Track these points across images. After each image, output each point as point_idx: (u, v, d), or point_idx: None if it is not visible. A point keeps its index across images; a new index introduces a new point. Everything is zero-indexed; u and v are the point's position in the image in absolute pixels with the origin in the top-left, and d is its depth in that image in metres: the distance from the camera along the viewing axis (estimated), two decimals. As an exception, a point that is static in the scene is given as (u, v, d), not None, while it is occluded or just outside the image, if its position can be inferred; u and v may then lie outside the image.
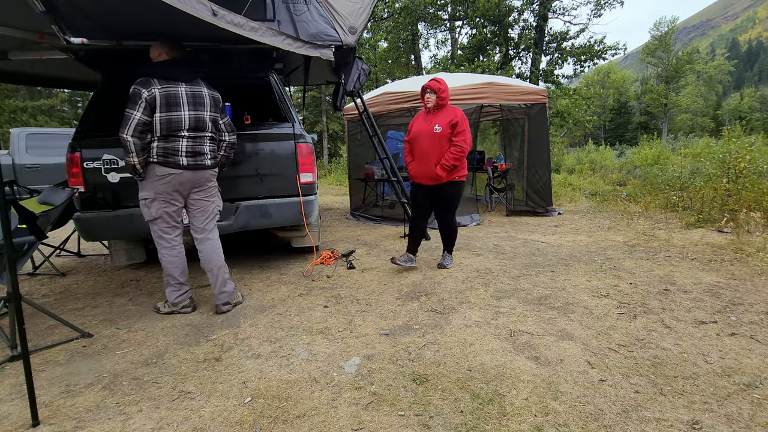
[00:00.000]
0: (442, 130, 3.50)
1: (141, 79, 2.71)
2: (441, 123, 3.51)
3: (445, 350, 2.34)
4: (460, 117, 3.50)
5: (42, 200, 3.38)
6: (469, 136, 3.54)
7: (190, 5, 2.41)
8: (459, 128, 3.48)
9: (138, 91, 2.66)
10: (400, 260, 3.75)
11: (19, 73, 4.28)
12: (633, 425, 1.69)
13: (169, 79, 2.78)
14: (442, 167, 3.50)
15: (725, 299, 2.95)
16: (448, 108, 3.59)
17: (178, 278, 2.94)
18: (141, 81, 2.70)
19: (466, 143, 3.50)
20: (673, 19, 39.93)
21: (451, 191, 3.68)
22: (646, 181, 9.47)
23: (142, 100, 2.65)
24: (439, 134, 3.51)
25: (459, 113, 3.53)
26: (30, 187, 4.17)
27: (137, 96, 2.65)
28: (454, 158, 3.49)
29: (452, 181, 3.61)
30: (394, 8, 16.46)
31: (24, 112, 22.58)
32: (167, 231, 2.89)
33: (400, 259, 3.75)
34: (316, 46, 3.36)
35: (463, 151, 3.49)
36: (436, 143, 3.53)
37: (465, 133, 3.50)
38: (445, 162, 3.49)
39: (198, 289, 3.50)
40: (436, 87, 3.52)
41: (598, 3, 15.69)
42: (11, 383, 2.14)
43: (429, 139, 3.56)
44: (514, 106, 6.73)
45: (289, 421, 1.78)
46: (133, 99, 2.65)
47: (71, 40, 2.52)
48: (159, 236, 2.89)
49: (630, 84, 51.68)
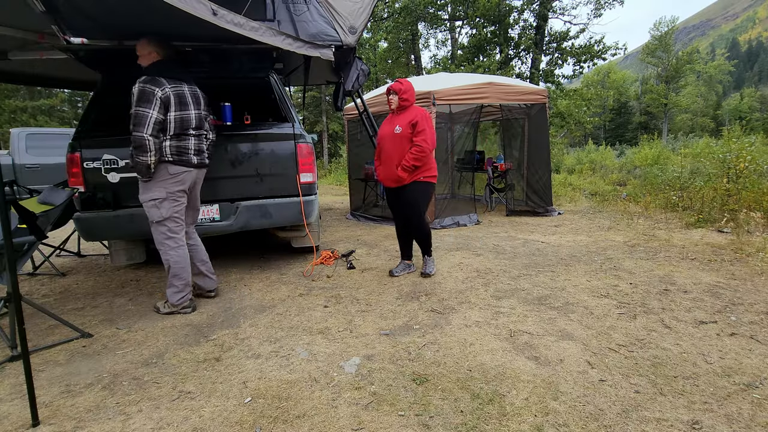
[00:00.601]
0: (402, 131, 3.40)
1: (148, 78, 2.70)
2: (401, 123, 3.41)
3: (445, 350, 2.34)
4: (420, 116, 3.38)
5: (42, 200, 3.38)
6: (431, 135, 3.40)
7: (191, 5, 2.41)
8: (419, 127, 3.35)
9: (151, 89, 2.65)
10: (398, 271, 3.72)
11: (19, 73, 4.28)
12: (633, 425, 1.69)
13: (174, 79, 2.81)
14: (403, 168, 3.37)
15: (725, 299, 2.95)
16: (411, 108, 3.48)
17: (185, 278, 2.95)
18: (149, 80, 2.69)
19: (427, 142, 3.36)
20: (673, 19, 39.92)
21: (416, 192, 3.51)
22: (646, 181, 9.47)
23: (156, 99, 2.66)
24: (399, 135, 3.41)
25: (420, 113, 3.41)
26: (30, 187, 4.17)
27: (150, 95, 2.65)
28: (414, 159, 3.35)
29: (417, 181, 3.48)
30: (394, 8, 16.45)
31: (24, 112, 22.58)
32: (176, 231, 2.90)
33: (397, 270, 3.73)
34: (316, 46, 3.35)
35: (423, 150, 3.36)
36: (398, 144, 3.43)
37: (425, 133, 3.36)
38: (405, 163, 3.36)
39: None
40: (398, 88, 3.44)
41: (598, 3, 15.68)
42: (11, 383, 2.14)
43: (391, 140, 3.47)
44: (514, 106, 6.73)
45: (289, 421, 1.78)
46: (146, 98, 2.64)
47: (71, 40, 2.52)
48: (167, 237, 2.87)
49: (630, 84, 51.65)
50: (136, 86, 2.68)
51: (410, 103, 3.48)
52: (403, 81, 3.49)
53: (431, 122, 3.47)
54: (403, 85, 3.46)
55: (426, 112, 3.45)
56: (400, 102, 3.46)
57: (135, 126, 2.64)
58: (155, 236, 2.90)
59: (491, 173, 7.38)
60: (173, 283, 2.93)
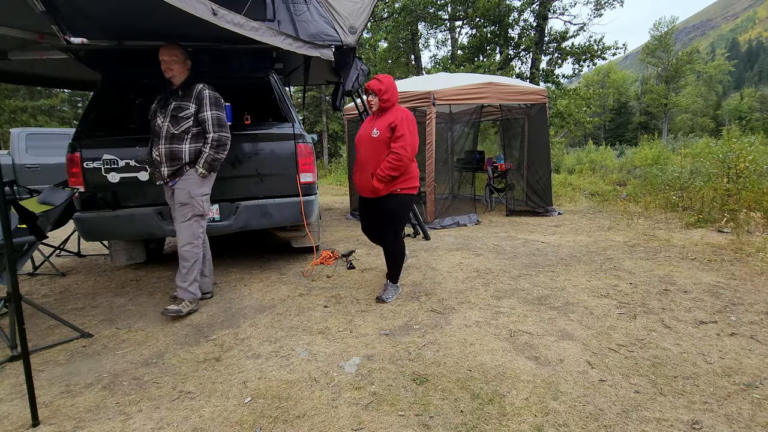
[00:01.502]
0: (380, 134, 2.96)
1: (207, 84, 2.96)
2: (380, 126, 2.97)
3: (445, 350, 2.34)
4: (401, 119, 2.94)
5: (42, 200, 3.38)
6: (411, 141, 2.94)
7: (191, 5, 2.41)
8: (398, 132, 2.91)
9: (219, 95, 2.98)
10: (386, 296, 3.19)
11: (19, 73, 4.28)
12: (633, 425, 1.69)
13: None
14: (378, 178, 2.93)
15: (725, 299, 2.95)
16: (393, 110, 3.03)
17: (203, 270, 3.16)
18: (210, 86, 2.95)
19: (406, 149, 2.90)
20: (672, 19, 39.95)
21: (392, 206, 3.05)
22: (646, 181, 9.47)
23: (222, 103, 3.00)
24: (376, 139, 2.98)
25: (401, 115, 2.98)
26: (30, 187, 4.17)
27: (220, 99, 2.98)
28: (391, 168, 2.90)
29: (393, 193, 3.01)
30: (394, 8, 16.44)
31: (24, 112, 22.58)
32: (204, 226, 3.07)
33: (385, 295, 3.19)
34: (316, 46, 3.35)
35: (401, 159, 2.90)
36: (374, 150, 3.00)
37: (404, 138, 2.90)
38: (380, 172, 2.92)
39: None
40: (377, 87, 2.97)
41: (598, 3, 15.68)
42: (11, 383, 2.14)
43: (367, 145, 3.06)
44: (514, 106, 6.73)
45: (289, 421, 1.78)
46: (219, 102, 2.97)
47: (71, 40, 2.53)
48: (202, 232, 3.04)
49: (630, 84, 51.67)
50: (207, 91, 2.93)
51: (392, 104, 3.04)
52: (383, 78, 3.03)
53: (414, 126, 3.01)
54: (383, 83, 3.00)
55: (409, 114, 3.04)
56: (380, 103, 3.01)
57: (222, 128, 2.94)
58: (193, 230, 2.96)
59: (491, 173, 7.38)
60: (196, 278, 3.03)
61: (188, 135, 2.91)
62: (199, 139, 2.94)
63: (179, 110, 2.89)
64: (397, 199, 3.04)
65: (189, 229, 2.95)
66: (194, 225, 2.97)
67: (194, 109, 2.90)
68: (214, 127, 2.92)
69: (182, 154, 2.90)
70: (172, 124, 2.87)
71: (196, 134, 2.93)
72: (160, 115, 2.95)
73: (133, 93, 3.77)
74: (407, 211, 3.22)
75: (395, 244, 3.18)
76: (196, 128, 2.93)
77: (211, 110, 2.91)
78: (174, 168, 2.91)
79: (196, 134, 2.93)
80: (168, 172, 2.93)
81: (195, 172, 2.93)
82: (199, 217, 2.99)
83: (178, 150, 2.89)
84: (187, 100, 2.91)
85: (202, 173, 2.92)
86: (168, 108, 2.91)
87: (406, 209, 3.18)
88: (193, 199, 2.92)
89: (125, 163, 3.33)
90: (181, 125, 2.87)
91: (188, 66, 3.00)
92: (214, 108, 2.93)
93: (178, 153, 2.90)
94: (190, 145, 2.91)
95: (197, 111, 2.91)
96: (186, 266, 2.96)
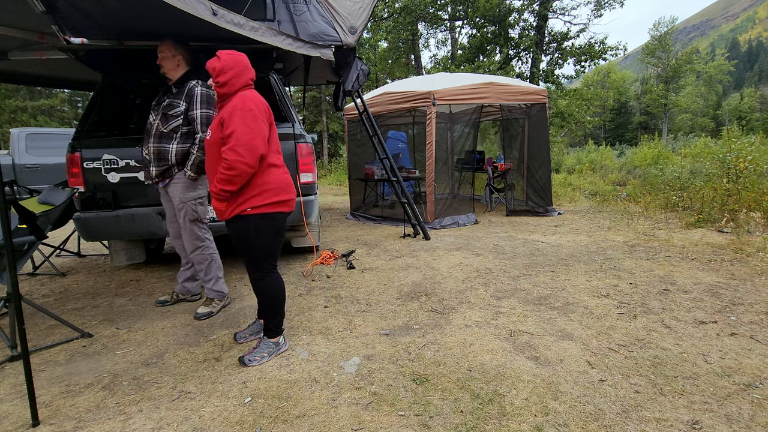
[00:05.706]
0: (211, 135, 2.21)
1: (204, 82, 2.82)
2: (214, 123, 2.23)
3: (445, 350, 2.34)
4: (232, 108, 2.10)
5: (42, 200, 3.38)
6: (249, 138, 2.05)
7: (190, 5, 2.41)
8: (227, 128, 2.08)
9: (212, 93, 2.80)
10: (242, 336, 2.54)
11: (19, 73, 4.29)
12: (633, 425, 1.69)
13: None
14: (213, 196, 2.17)
15: (725, 299, 2.95)
16: (234, 98, 2.16)
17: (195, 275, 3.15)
18: (203, 83, 2.82)
19: (237, 151, 2.03)
20: (672, 19, 39.95)
21: (240, 232, 2.21)
22: (646, 181, 9.48)
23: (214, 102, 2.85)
24: (209, 142, 2.24)
25: (239, 103, 2.11)
26: (30, 187, 4.17)
27: (211, 97, 2.81)
28: (223, 180, 2.08)
29: (241, 214, 2.16)
30: (394, 8, 16.46)
31: (24, 112, 22.61)
32: (205, 227, 3.01)
33: (241, 335, 2.55)
34: (316, 46, 3.36)
35: (232, 166, 2.03)
36: (212, 157, 2.24)
37: (236, 136, 2.04)
38: (212, 188, 2.17)
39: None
40: (210, 66, 2.17)
41: (599, 3, 15.69)
42: (11, 383, 2.14)
43: (207, 150, 2.31)
44: (514, 106, 6.73)
45: (289, 421, 1.78)
46: (211, 101, 2.81)
47: (71, 40, 2.53)
48: (205, 233, 2.98)
49: (630, 84, 51.68)
50: (199, 89, 2.78)
51: (233, 90, 2.17)
52: (223, 54, 2.18)
53: (256, 115, 2.10)
54: (221, 59, 2.16)
55: (249, 101, 2.12)
56: (216, 88, 2.19)
57: (207, 127, 2.76)
58: (195, 233, 2.91)
59: (491, 173, 7.38)
60: (218, 275, 3.01)
61: (177, 134, 2.79)
62: (188, 139, 2.82)
63: (170, 108, 2.78)
64: (247, 222, 2.17)
65: (190, 234, 2.91)
66: (195, 229, 2.92)
67: (184, 107, 2.78)
68: (203, 127, 2.77)
69: (168, 154, 2.79)
70: (162, 122, 2.78)
71: (186, 134, 2.81)
72: (153, 112, 2.87)
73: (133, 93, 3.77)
74: (269, 237, 2.23)
75: (260, 281, 2.30)
76: (186, 127, 2.80)
77: (200, 109, 2.76)
78: (161, 168, 2.81)
79: (186, 134, 2.81)
80: (156, 172, 2.83)
81: (184, 176, 2.83)
82: (196, 221, 2.91)
83: (165, 149, 2.79)
84: (178, 97, 2.79)
85: (190, 176, 2.81)
86: (161, 105, 2.83)
87: (266, 235, 2.22)
88: (185, 204, 2.84)
89: (125, 163, 3.33)
90: (170, 123, 2.77)
91: (179, 62, 2.83)
92: (205, 106, 2.77)
93: (164, 153, 2.79)
94: (179, 145, 2.79)
95: (187, 109, 2.78)
96: (201, 268, 2.98)
